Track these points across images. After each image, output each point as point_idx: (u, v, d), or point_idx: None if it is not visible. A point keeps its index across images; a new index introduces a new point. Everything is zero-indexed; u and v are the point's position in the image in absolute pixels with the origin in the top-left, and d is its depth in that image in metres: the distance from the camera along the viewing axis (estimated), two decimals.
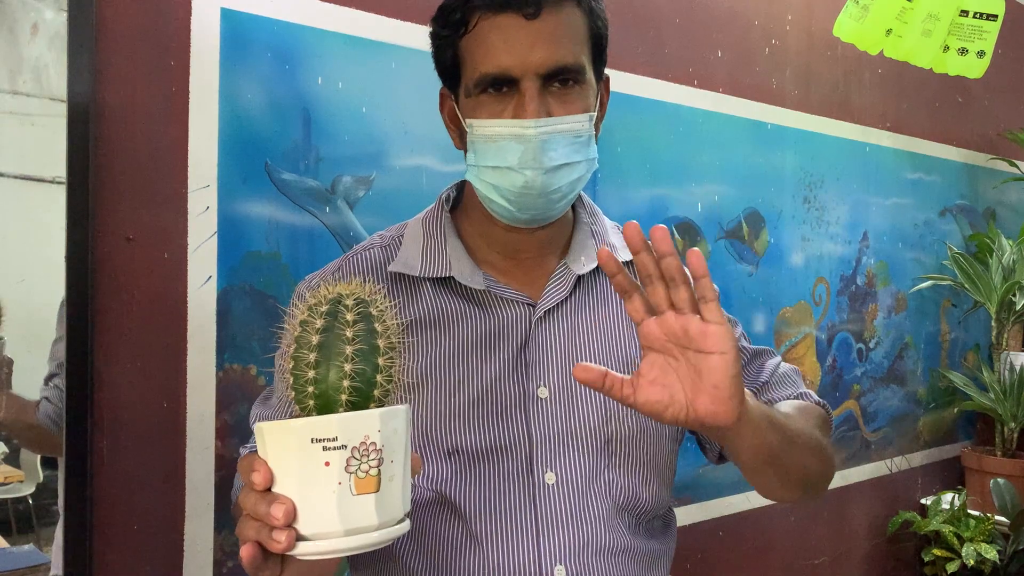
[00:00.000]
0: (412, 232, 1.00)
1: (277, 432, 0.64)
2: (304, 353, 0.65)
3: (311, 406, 0.65)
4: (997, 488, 2.53)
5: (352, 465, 0.63)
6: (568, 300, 0.98)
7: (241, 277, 1.37)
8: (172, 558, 1.32)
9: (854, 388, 2.57)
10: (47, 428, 1.22)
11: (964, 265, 2.72)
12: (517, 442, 0.92)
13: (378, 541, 0.65)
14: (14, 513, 1.26)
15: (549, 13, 0.88)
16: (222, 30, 1.34)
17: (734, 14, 2.15)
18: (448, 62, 0.93)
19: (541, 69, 0.88)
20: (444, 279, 0.96)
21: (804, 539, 2.43)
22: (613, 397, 0.78)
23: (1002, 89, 3.04)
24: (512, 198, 0.91)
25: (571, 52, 0.89)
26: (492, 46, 0.88)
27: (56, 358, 1.23)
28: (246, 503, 0.65)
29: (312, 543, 0.64)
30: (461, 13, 0.90)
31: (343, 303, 0.66)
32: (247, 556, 0.65)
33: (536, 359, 0.95)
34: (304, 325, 0.66)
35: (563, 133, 0.90)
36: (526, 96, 0.88)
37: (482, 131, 0.90)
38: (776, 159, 2.27)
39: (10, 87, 1.20)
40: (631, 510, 0.97)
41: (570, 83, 0.90)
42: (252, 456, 0.67)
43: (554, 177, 0.90)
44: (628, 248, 0.78)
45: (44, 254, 1.23)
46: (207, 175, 1.33)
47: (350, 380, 0.65)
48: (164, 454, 1.31)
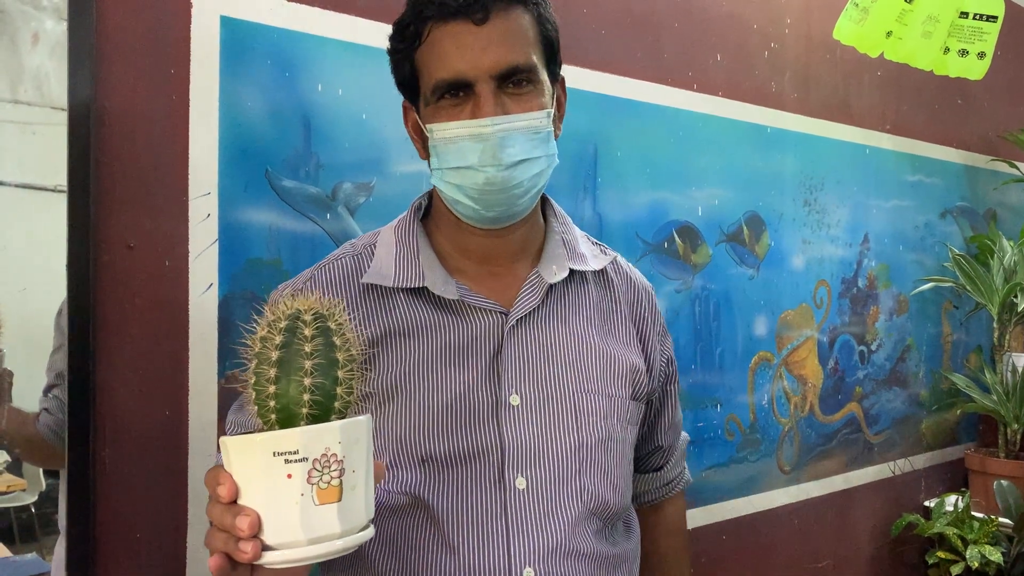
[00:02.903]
0: (384, 241, 1.02)
1: (240, 446, 0.66)
2: (264, 369, 0.67)
3: (273, 420, 0.67)
4: (1001, 490, 2.53)
5: (314, 477, 0.65)
6: (540, 308, 1.01)
7: (243, 284, 1.37)
8: (175, 567, 1.32)
9: (856, 391, 2.56)
10: (48, 440, 1.22)
11: (965, 267, 2.72)
12: (489, 448, 0.95)
13: (342, 548, 0.67)
14: (17, 522, 1.26)
15: (497, 17, 0.91)
16: (222, 38, 1.34)
17: (733, 18, 2.15)
18: (407, 75, 0.97)
19: (494, 71, 0.91)
20: (417, 289, 0.98)
21: (807, 542, 2.42)
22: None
23: (1002, 90, 3.05)
24: (476, 196, 0.94)
25: (522, 53, 0.93)
26: (446, 53, 0.91)
27: (54, 368, 1.22)
28: (212, 515, 0.68)
29: (277, 552, 0.66)
30: (414, 26, 0.94)
31: (301, 318, 0.68)
32: (215, 567, 0.67)
33: (508, 367, 0.97)
34: (264, 341, 0.68)
35: (520, 130, 0.93)
36: (481, 97, 0.91)
37: (442, 134, 0.94)
38: (776, 162, 2.27)
39: (11, 96, 1.20)
40: (599, 514, 1.00)
41: (523, 83, 0.93)
42: (218, 469, 0.69)
43: (514, 172, 0.93)
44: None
45: (45, 263, 1.22)
46: (208, 182, 1.33)
47: (310, 394, 0.67)
48: (166, 462, 1.31)
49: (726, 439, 2.16)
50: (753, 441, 2.23)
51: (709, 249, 2.11)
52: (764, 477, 2.27)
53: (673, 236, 2.03)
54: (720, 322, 2.14)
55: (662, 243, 2.00)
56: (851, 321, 2.53)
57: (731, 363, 2.17)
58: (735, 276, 2.18)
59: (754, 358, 2.23)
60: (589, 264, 1.06)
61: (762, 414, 2.25)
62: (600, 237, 1.86)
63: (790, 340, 2.33)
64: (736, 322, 2.18)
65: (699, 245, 2.09)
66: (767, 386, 2.27)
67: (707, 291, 2.11)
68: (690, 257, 2.07)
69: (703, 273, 2.10)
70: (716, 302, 2.13)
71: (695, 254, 2.08)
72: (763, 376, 2.25)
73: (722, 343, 2.15)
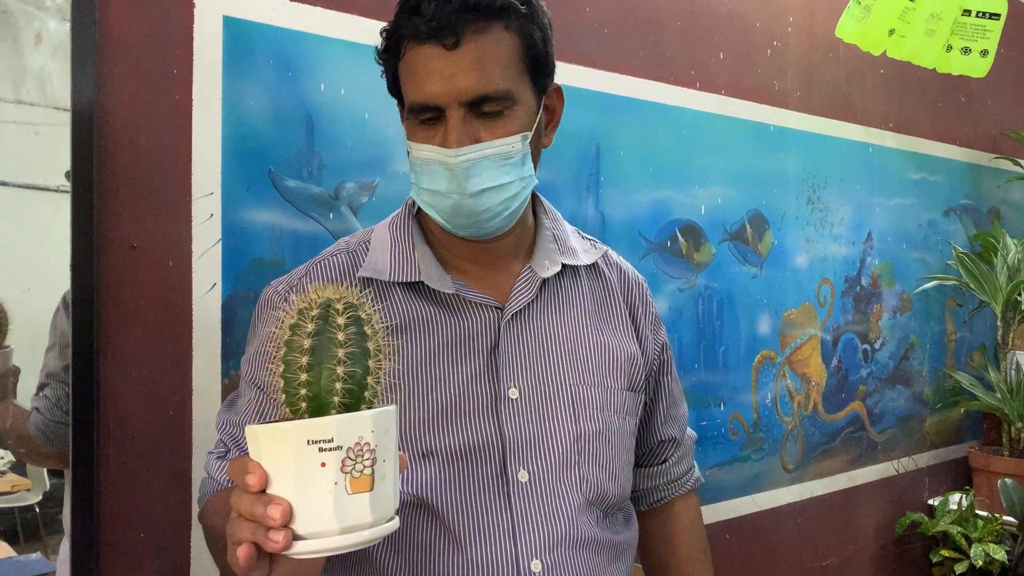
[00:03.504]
0: (379, 237, 1.03)
1: (272, 434, 0.66)
2: (296, 357, 0.66)
3: (303, 408, 0.67)
4: (1005, 488, 2.52)
5: (347, 465, 0.65)
6: (534, 303, 1.02)
7: (246, 284, 1.37)
8: (179, 567, 1.32)
9: (860, 389, 2.56)
10: (36, 440, 1.22)
11: (969, 265, 2.71)
12: (490, 442, 0.96)
13: (370, 539, 0.66)
14: (21, 522, 1.27)
15: (470, 42, 0.90)
16: (225, 38, 1.35)
17: (735, 16, 2.15)
18: (391, 83, 0.98)
19: (463, 98, 0.90)
20: (413, 284, 0.99)
21: (812, 541, 2.42)
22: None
23: (1005, 88, 3.04)
24: (447, 218, 0.96)
25: (494, 79, 0.91)
26: (418, 76, 0.91)
27: (47, 367, 1.22)
28: (240, 505, 0.66)
29: (308, 542, 0.65)
30: (394, 40, 0.94)
31: (333, 307, 0.68)
32: (244, 556, 0.66)
33: (506, 361, 0.99)
34: (295, 329, 0.67)
35: (490, 158, 0.92)
36: (449, 124, 0.91)
37: (417, 154, 0.94)
38: (779, 161, 2.26)
39: (14, 96, 1.21)
40: (599, 504, 1.01)
41: (495, 110, 0.92)
42: (244, 458, 0.67)
43: (479, 200, 0.93)
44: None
45: (49, 263, 1.23)
46: (211, 183, 1.34)
47: (343, 383, 0.66)
48: (170, 462, 1.31)
49: (729, 438, 2.16)
50: (756, 440, 2.23)
51: (712, 248, 2.11)
52: (768, 476, 2.27)
53: (676, 235, 2.03)
54: (723, 321, 2.14)
55: (665, 242, 2.00)
56: (854, 319, 2.53)
57: (734, 362, 2.17)
58: (738, 275, 2.18)
59: (757, 357, 2.23)
60: (580, 258, 1.07)
61: (765, 413, 2.25)
62: (603, 236, 1.86)
63: (793, 339, 2.33)
64: (739, 321, 2.18)
65: (702, 244, 2.09)
66: (770, 385, 2.26)
67: (710, 290, 2.11)
68: (693, 256, 2.06)
69: (706, 272, 2.10)
70: (719, 301, 2.13)
71: (698, 253, 2.08)
72: (766, 375, 2.25)
73: (725, 342, 2.15)
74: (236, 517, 0.67)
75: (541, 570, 0.94)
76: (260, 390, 0.96)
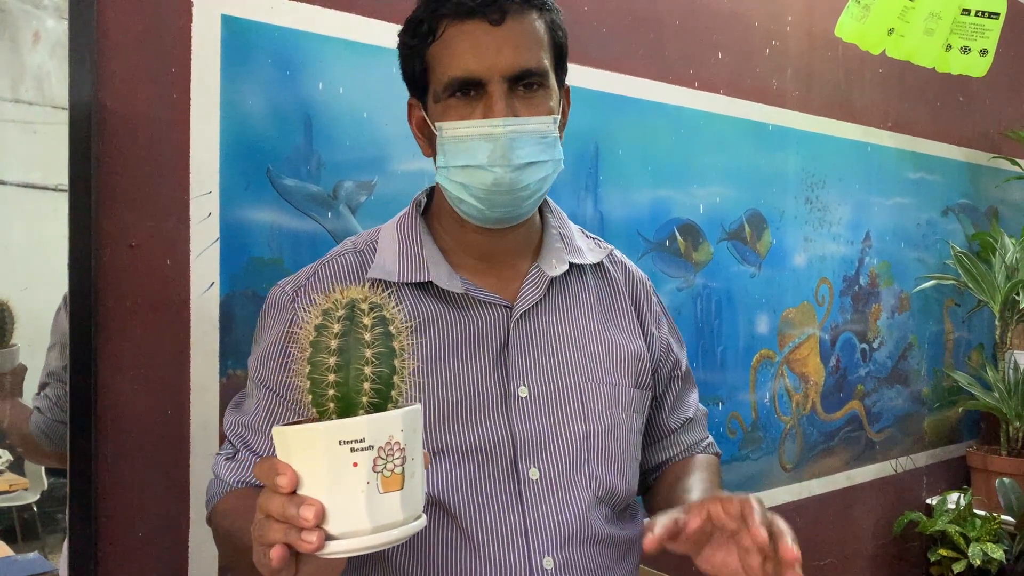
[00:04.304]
0: (387, 237, 1.03)
1: (302, 435, 0.66)
2: (324, 357, 0.66)
3: (331, 409, 0.67)
4: (1003, 487, 2.53)
5: (379, 465, 0.65)
6: (543, 302, 1.03)
7: (244, 283, 1.37)
8: (177, 565, 1.32)
9: (858, 388, 2.56)
10: (37, 439, 1.22)
11: (967, 264, 2.71)
12: (501, 440, 0.97)
13: (400, 537, 0.67)
14: (19, 521, 1.26)
15: (513, 20, 0.93)
16: (223, 37, 1.34)
17: (734, 15, 2.15)
18: (416, 71, 0.98)
19: (507, 72, 0.92)
20: (422, 284, 0.99)
21: (810, 540, 2.42)
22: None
23: (1004, 87, 3.04)
24: (482, 196, 0.95)
25: (535, 56, 0.94)
26: (460, 51, 0.92)
27: (48, 366, 1.22)
28: (271, 506, 0.66)
29: (340, 542, 0.65)
30: (428, 23, 0.95)
31: (359, 307, 0.68)
32: (278, 558, 0.66)
33: (515, 360, 0.99)
34: (320, 329, 0.68)
35: (529, 133, 0.94)
36: (493, 97, 0.92)
37: (452, 133, 0.95)
38: (778, 160, 2.26)
39: (12, 95, 1.20)
40: (608, 501, 1.02)
41: (535, 87, 0.95)
42: (273, 459, 0.67)
43: (522, 174, 0.94)
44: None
45: (47, 262, 1.22)
46: (209, 181, 1.33)
47: (371, 383, 0.66)
48: (168, 461, 1.31)
49: (728, 437, 2.16)
50: (755, 439, 2.23)
51: (711, 247, 2.11)
52: (766, 475, 2.27)
53: (675, 234, 2.03)
54: (722, 320, 2.14)
55: (663, 241, 2.00)
56: (853, 319, 2.53)
57: (733, 361, 2.17)
58: (737, 274, 2.18)
59: (756, 356, 2.23)
60: (586, 257, 1.08)
61: (764, 412, 2.25)
62: (602, 235, 1.86)
63: (792, 338, 2.33)
64: (738, 320, 2.18)
65: (700, 243, 2.09)
66: (769, 384, 2.26)
67: (708, 289, 2.11)
68: (691, 255, 2.06)
69: (705, 271, 2.10)
70: (718, 300, 2.13)
71: (696, 252, 2.08)
72: (765, 374, 2.25)
73: (724, 341, 2.15)
74: (264, 518, 0.67)
75: (553, 567, 0.95)
76: (270, 390, 0.96)
